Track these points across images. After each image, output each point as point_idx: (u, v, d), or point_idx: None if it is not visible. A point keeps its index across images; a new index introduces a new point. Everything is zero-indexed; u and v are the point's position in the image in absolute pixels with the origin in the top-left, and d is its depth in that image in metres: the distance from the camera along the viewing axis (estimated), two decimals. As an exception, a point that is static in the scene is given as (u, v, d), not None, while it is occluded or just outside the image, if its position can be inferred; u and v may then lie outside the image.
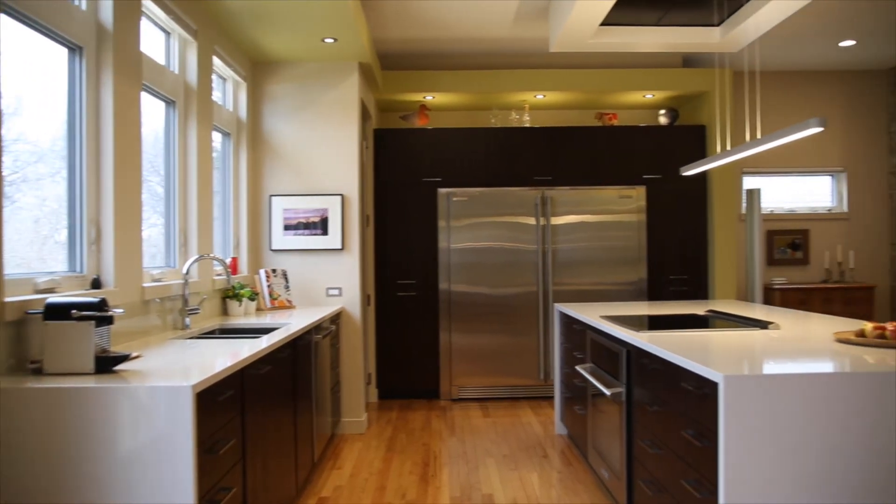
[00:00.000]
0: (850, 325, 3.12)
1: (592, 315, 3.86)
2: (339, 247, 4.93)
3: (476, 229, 5.90)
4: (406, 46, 5.89)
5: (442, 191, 5.90)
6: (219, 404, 2.19)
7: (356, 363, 4.99)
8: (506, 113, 6.59)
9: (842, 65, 6.68)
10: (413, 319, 5.96)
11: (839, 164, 6.89)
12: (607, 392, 3.13)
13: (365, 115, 5.68)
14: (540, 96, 6.22)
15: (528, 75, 6.02)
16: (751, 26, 4.39)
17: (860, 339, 2.45)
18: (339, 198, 4.93)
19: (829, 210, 6.93)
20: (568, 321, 4.44)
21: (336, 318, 4.74)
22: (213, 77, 4.18)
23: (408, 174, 6.00)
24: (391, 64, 6.24)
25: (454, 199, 5.89)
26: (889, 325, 2.40)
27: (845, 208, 6.89)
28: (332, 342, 4.56)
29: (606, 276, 5.95)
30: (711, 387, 2.08)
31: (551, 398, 5.95)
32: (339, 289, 4.96)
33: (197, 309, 3.47)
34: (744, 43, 4.72)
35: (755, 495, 1.96)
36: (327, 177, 4.97)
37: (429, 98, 6.20)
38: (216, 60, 4.26)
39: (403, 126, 6.44)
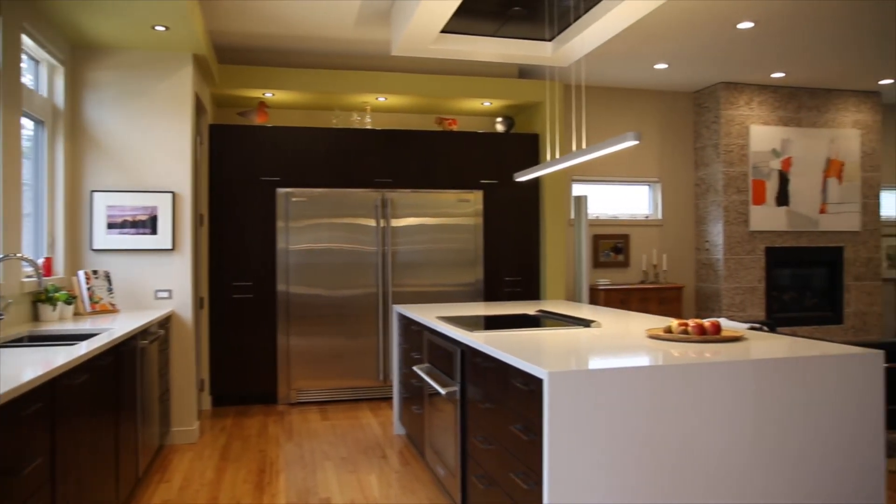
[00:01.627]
0: (660, 323, 3.42)
1: (429, 316, 3.93)
2: (170, 247, 4.67)
3: (316, 230, 5.82)
4: (246, 41, 5.69)
5: (281, 191, 5.77)
6: (22, 420, 2.00)
7: (188, 369, 4.75)
8: (347, 114, 6.57)
9: (657, 85, 7.31)
10: (250, 322, 5.77)
11: (655, 176, 7.53)
12: (442, 391, 3.21)
13: (200, 109, 5.42)
14: (382, 99, 6.25)
15: (370, 77, 6.04)
16: (578, 44, 4.69)
17: (668, 334, 2.69)
18: (169, 195, 4.67)
19: (646, 217, 7.55)
20: (406, 322, 4.50)
21: (166, 322, 4.48)
22: (24, 58, 3.80)
23: (245, 172, 5.80)
24: (230, 58, 6.00)
25: (293, 199, 5.78)
26: (691, 322, 2.66)
27: (660, 216, 7.54)
28: (161, 348, 4.30)
29: (445, 277, 6.10)
30: (537, 383, 2.20)
31: (391, 399, 5.99)
32: (170, 291, 4.70)
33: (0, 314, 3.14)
34: (573, 58, 5.03)
35: (577, 483, 2.09)
36: (157, 173, 4.69)
37: (268, 95, 6.04)
38: (26, 40, 3.88)
39: (242, 123, 6.22)
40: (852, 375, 2.37)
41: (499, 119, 6.69)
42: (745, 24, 5.40)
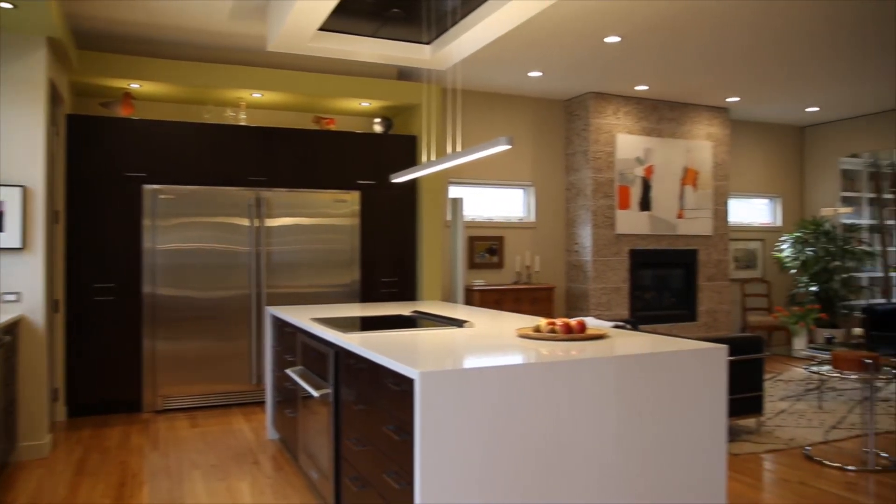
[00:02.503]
0: (530, 322, 3.55)
1: (303, 318, 3.87)
2: (19, 246, 4.31)
3: (185, 229, 5.57)
4: (111, 27, 5.36)
5: (148, 187, 5.48)
6: None
7: (38, 378, 4.40)
8: (221, 109, 6.34)
9: (531, 92, 7.57)
10: (112, 327, 5.43)
11: (529, 179, 7.78)
12: (316, 394, 3.17)
13: (56, 97, 5.05)
14: (257, 95, 6.08)
15: (246, 72, 5.86)
16: (456, 48, 4.77)
17: (536, 333, 2.79)
18: (18, 189, 4.32)
19: (520, 220, 7.79)
20: (280, 324, 4.40)
21: (12, 327, 4.13)
22: None
23: (109, 167, 5.46)
24: (92, 44, 5.63)
25: (161, 196, 5.51)
26: (558, 321, 2.78)
27: (533, 218, 7.80)
28: (7, 355, 3.97)
29: (321, 278, 6.02)
30: (409, 383, 2.21)
31: (264, 403, 5.84)
32: (18, 294, 4.34)
33: None
34: (451, 62, 5.11)
35: (449, 482, 2.12)
36: (4, 165, 4.32)
37: (135, 86, 5.72)
38: None
39: (105, 114, 5.84)
40: (702, 368, 2.55)
41: (377, 120, 6.68)
42: (612, 39, 5.69)
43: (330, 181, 6.19)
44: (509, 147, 3.02)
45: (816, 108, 8.52)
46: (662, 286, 8.19)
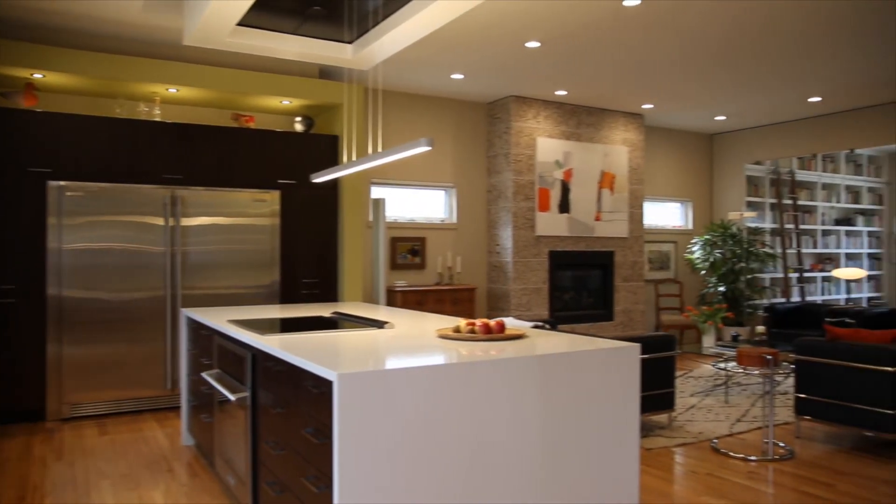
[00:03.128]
0: (450, 323, 3.57)
1: (220, 320, 3.78)
2: None
3: (95, 228, 5.34)
4: (11, 13, 5.08)
5: (53, 184, 5.22)
6: None
7: (-70, 386, 4.12)
8: (134, 104, 6.10)
9: (454, 94, 7.62)
10: (13, 331, 5.14)
11: (451, 181, 7.84)
12: (232, 397, 3.09)
13: (-51, 87, 4.74)
14: (173, 90, 5.89)
15: (161, 66, 5.66)
16: (378, 48, 4.76)
17: (456, 334, 2.82)
18: None
19: (442, 221, 7.84)
20: (195, 326, 4.27)
21: None
22: None
23: (8, 161, 5.16)
24: (-12, 31, 5.31)
25: (68, 193, 5.26)
26: (478, 322, 2.81)
27: (455, 220, 7.86)
28: None
29: (240, 279, 5.88)
30: (328, 385, 2.20)
31: (179, 408, 5.66)
32: None
33: None
34: (373, 62, 5.09)
35: (369, 484, 2.11)
36: None
37: (38, 76, 5.43)
38: None
39: (4, 105, 5.53)
40: (616, 367, 2.64)
41: (298, 118, 6.59)
42: (533, 44, 5.81)
43: (249, 180, 6.05)
44: (430, 148, 3.04)
45: (724, 117, 8.94)
46: (581, 287, 8.40)
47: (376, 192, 7.44)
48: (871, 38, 5.71)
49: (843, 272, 9.94)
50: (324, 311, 4.38)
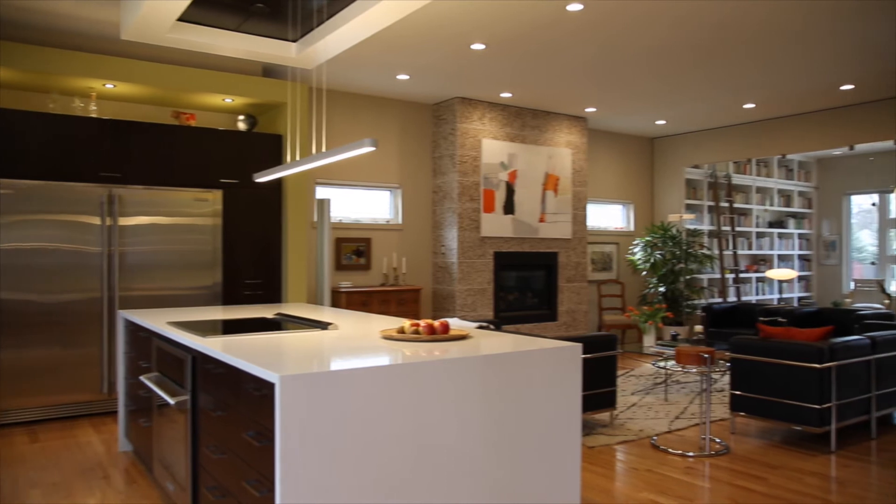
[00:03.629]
0: (395, 324, 3.57)
1: (159, 322, 3.68)
2: None
3: (26, 227, 5.14)
4: (-68, 3, 4.85)
5: (-20, 181, 5.00)
6: None
7: None
8: (68, 99, 5.90)
9: (399, 95, 7.62)
10: (-65, 334, 4.91)
11: (396, 182, 7.83)
12: (172, 401, 3.02)
13: None
14: (110, 86, 5.72)
15: (97, 61, 5.49)
16: (322, 48, 4.72)
17: (400, 335, 2.82)
18: None
19: (387, 221, 7.82)
20: (133, 329, 4.16)
21: None
22: None
23: (-69, 158, 4.93)
24: None
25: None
26: (422, 322, 2.82)
27: (400, 220, 7.85)
28: None
29: (180, 280, 5.75)
30: (270, 387, 2.17)
31: (117, 413, 5.49)
32: None
33: None
34: (317, 61, 5.04)
35: (312, 487, 2.10)
36: None
37: (-36, 69, 5.20)
38: None
39: (-73, 99, 5.27)
40: (558, 366, 2.68)
41: (241, 117, 6.48)
42: (478, 46, 5.85)
43: (190, 179, 5.92)
44: (374, 149, 3.03)
45: (664, 122, 9.17)
46: (525, 287, 8.49)
47: (321, 192, 7.37)
48: (802, 51, 5.94)
49: (776, 273, 10.32)
50: (267, 312, 4.32)
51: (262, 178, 4.74)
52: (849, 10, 5.00)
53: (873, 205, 11.82)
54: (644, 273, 9.67)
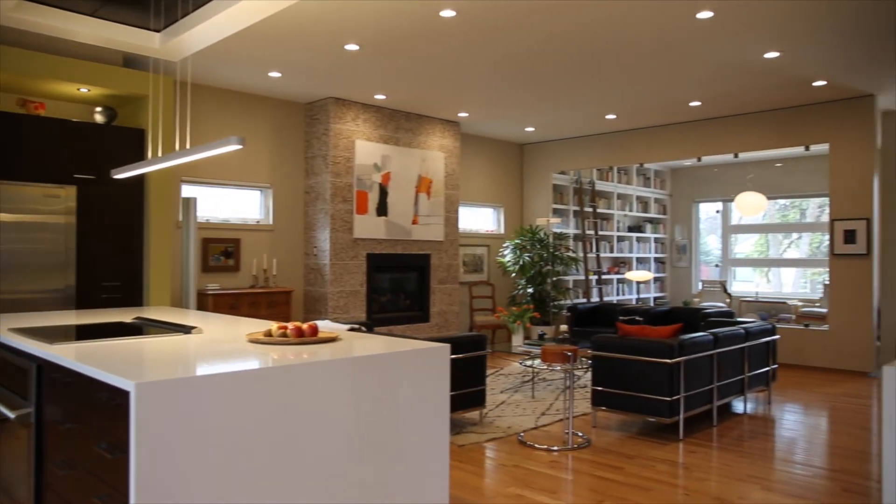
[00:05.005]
0: (262, 327, 3.48)
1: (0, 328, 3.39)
2: None
3: None
4: None
5: None
6: None
7: None
8: None
9: (271, 92, 7.43)
10: None
11: (267, 181, 7.63)
12: (12, 415, 2.79)
13: None
14: (-58, 68, 5.20)
15: (-74, 41, 4.97)
16: (188, 40, 4.53)
17: (268, 338, 2.75)
18: None
19: (257, 222, 7.60)
20: (-30, 337, 3.79)
21: None
22: None
23: None
24: None
25: None
26: (290, 325, 2.76)
27: (271, 221, 7.66)
28: None
29: (27, 283, 5.31)
30: (124, 396, 2.05)
31: (-52, 429, 4.99)
32: None
33: None
34: (183, 54, 4.83)
35: (170, 497, 2.00)
36: None
37: None
38: None
39: None
40: (427, 366, 2.71)
41: (98, 109, 6.09)
42: (352, 47, 5.81)
43: (39, 173, 5.49)
44: (241, 147, 2.94)
45: (533, 129, 9.51)
46: (398, 289, 8.53)
47: (187, 190, 7.05)
48: (657, 68, 6.36)
49: (634, 275, 10.97)
50: (125, 316, 4.08)
51: (122, 174, 4.48)
52: (699, 34, 5.41)
53: (717, 212, 12.84)
54: (513, 275, 9.98)
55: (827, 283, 8.23)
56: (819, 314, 9.19)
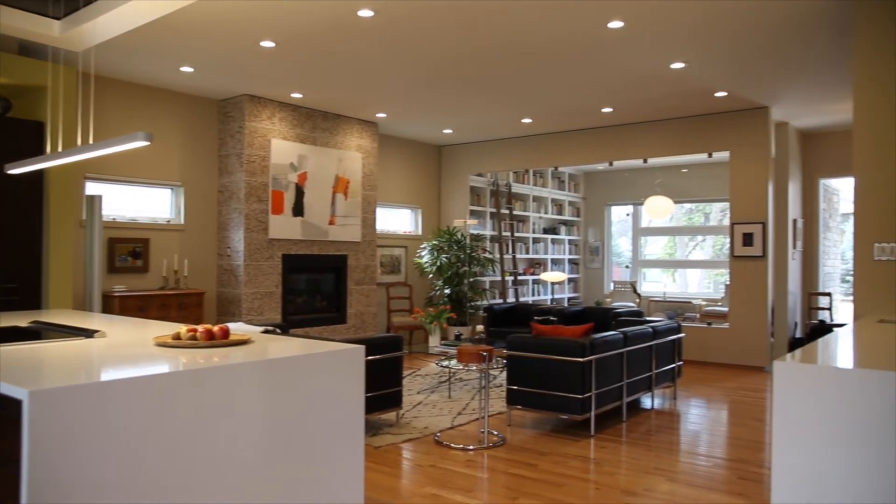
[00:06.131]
0: (171, 330, 3.36)
1: None
2: None
3: None
4: None
5: None
6: None
7: None
8: None
9: (183, 88, 7.19)
10: None
11: (178, 179, 7.38)
12: None
13: None
14: None
15: None
16: (91, 29, 4.32)
17: (176, 341, 2.66)
18: None
19: (168, 221, 7.34)
20: None
21: None
22: None
23: None
24: None
25: None
26: (200, 328, 2.69)
27: (182, 220, 7.41)
28: None
29: None
30: (16, 405, 1.94)
31: None
32: None
33: None
34: (86, 44, 4.61)
35: (64, 510, 1.91)
36: None
37: None
38: None
39: None
40: (341, 368, 2.69)
41: (-9, 99, 5.73)
42: (268, 43, 5.70)
43: (-78, 167, 5.13)
44: (148, 143, 2.84)
45: (450, 131, 9.59)
46: (314, 290, 8.42)
47: (91, 187, 6.73)
48: (571, 74, 6.53)
49: (549, 276, 11.23)
50: (21, 320, 3.86)
51: (18, 169, 4.23)
52: (610, 43, 5.59)
53: (627, 215, 13.31)
54: (431, 276, 10.03)
55: (728, 283, 8.67)
56: (721, 313, 9.66)
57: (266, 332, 3.77)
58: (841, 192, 10.71)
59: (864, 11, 4.46)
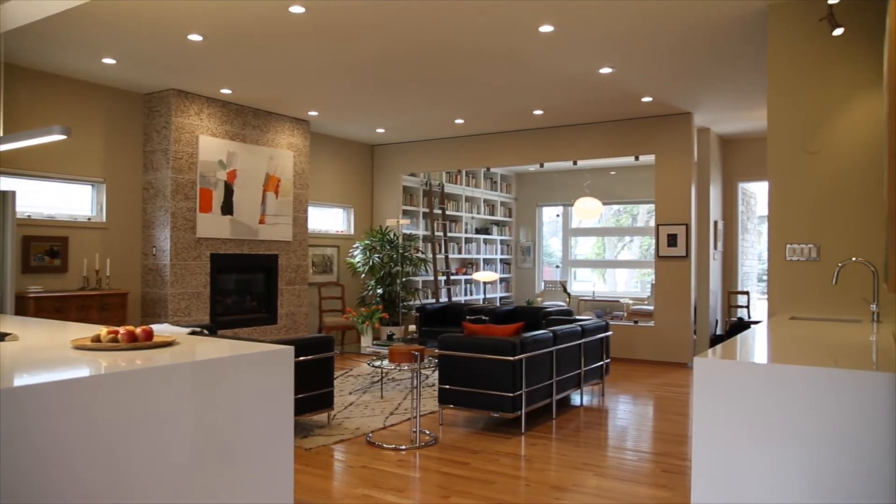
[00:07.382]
0: (90, 332, 3.24)
1: None
2: None
3: None
4: None
5: None
6: None
7: None
8: None
9: (105, 80, 6.93)
10: None
11: (100, 175, 7.10)
12: None
13: None
14: None
15: None
16: (2, 16, 4.12)
17: (96, 344, 2.57)
18: None
19: (88, 219, 7.06)
20: None
21: None
22: None
23: None
24: None
25: None
26: (122, 330, 2.60)
27: (104, 218, 7.14)
28: None
29: None
30: (-79, 411, 1.84)
31: None
32: None
33: None
34: (-2, 34, 4.39)
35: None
36: None
37: None
38: None
39: None
40: (269, 369, 2.65)
41: None
42: (195, 37, 5.55)
43: None
44: (65, 137, 2.72)
45: (383, 130, 9.56)
46: (244, 290, 8.25)
47: (5, 183, 6.40)
48: (503, 76, 6.61)
49: (481, 275, 11.33)
50: (-75, 323, 3.64)
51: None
52: (541, 46, 5.69)
53: (557, 216, 13.55)
54: (363, 276, 9.97)
55: (653, 283, 8.94)
56: (647, 311, 9.96)
57: (193, 333, 3.68)
58: (758, 195, 11.20)
59: (778, 21, 4.69)
